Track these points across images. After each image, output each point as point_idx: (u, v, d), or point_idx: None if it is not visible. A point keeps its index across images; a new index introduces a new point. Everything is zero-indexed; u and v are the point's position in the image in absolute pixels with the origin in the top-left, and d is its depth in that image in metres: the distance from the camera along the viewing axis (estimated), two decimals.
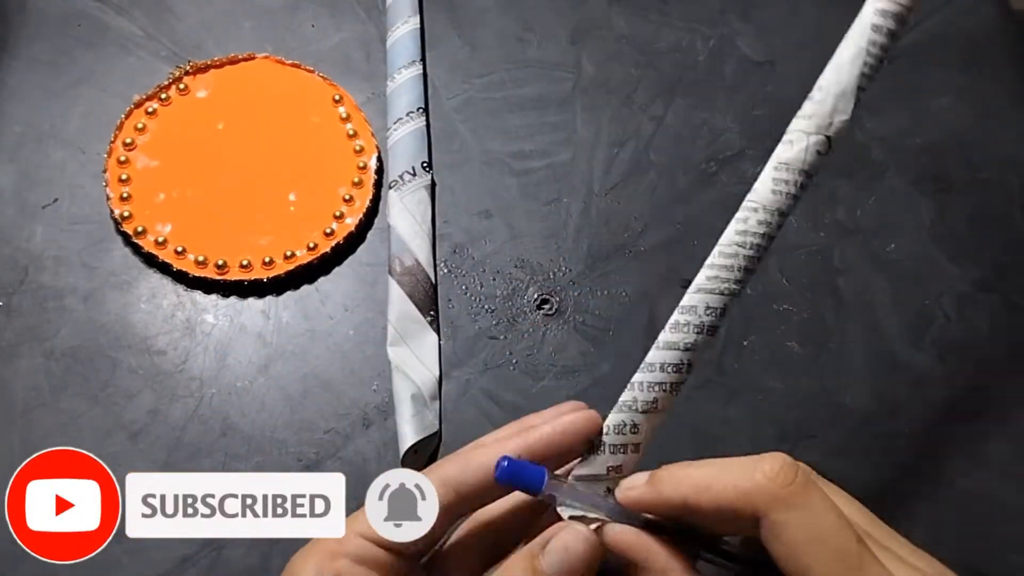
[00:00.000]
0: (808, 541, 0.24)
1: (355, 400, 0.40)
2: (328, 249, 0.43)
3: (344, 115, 0.46)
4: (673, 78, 0.49)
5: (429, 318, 0.41)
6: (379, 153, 0.45)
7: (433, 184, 0.45)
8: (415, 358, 0.40)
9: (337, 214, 0.43)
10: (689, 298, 0.29)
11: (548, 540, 0.26)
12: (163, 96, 0.45)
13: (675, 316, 0.29)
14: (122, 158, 0.44)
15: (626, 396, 0.28)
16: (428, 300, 0.42)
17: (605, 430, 0.28)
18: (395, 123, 0.45)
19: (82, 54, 0.47)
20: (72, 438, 0.38)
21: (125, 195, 0.43)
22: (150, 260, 0.42)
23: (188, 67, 0.46)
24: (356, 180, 0.44)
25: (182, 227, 0.42)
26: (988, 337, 0.43)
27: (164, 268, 0.42)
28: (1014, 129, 0.48)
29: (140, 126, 0.45)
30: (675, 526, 0.27)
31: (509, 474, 0.26)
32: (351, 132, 0.45)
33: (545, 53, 0.49)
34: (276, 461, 0.39)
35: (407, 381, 0.39)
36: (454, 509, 0.27)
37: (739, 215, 0.29)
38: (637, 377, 0.29)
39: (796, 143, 0.30)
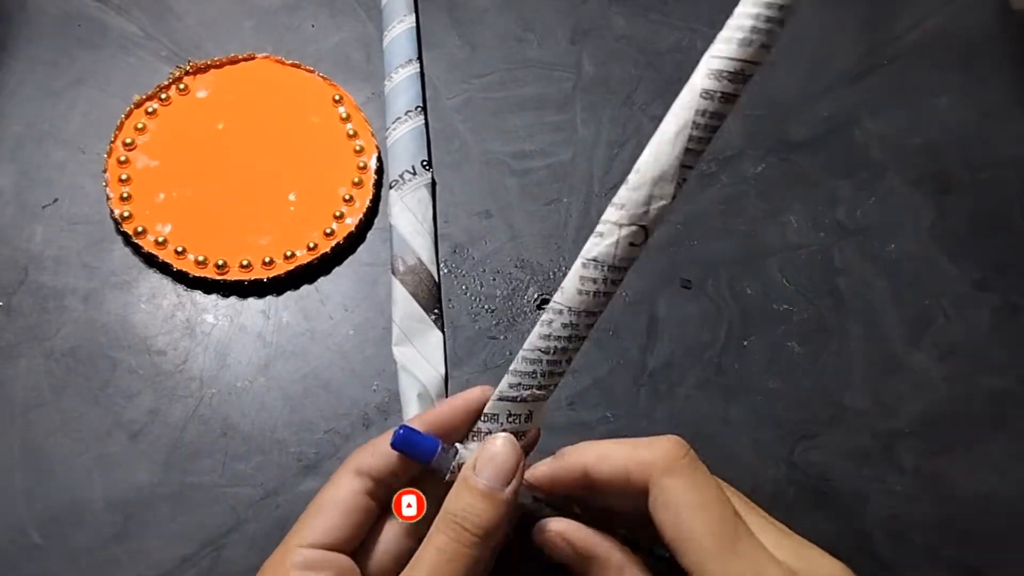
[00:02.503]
0: (692, 507, 0.26)
1: (355, 400, 0.40)
2: (328, 249, 0.43)
3: (344, 115, 0.46)
4: (673, 78, 0.49)
5: (433, 316, 0.41)
6: (379, 153, 0.45)
7: (433, 182, 0.45)
8: (421, 357, 0.40)
9: (337, 214, 0.43)
10: (492, 405, 0.29)
11: (475, 462, 0.28)
12: (163, 96, 0.45)
13: (479, 424, 0.29)
14: (122, 158, 0.44)
15: None
16: (432, 298, 0.42)
17: None
18: (394, 122, 0.45)
19: (82, 54, 0.47)
20: (72, 438, 0.38)
21: (125, 195, 0.43)
22: (150, 260, 0.42)
23: (188, 67, 0.46)
24: (356, 180, 0.44)
25: (182, 227, 0.42)
26: (988, 337, 0.43)
27: (164, 268, 0.42)
28: (1014, 129, 0.48)
29: (140, 126, 0.45)
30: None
31: (403, 441, 0.28)
32: (351, 132, 0.45)
33: (545, 53, 0.49)
34: (276, 461, 0.39)
35: (413, 380, 0.40)
36: (375, 494, 0.29)
37: (544, 316, 0.28)
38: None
39: (606, 236, 0.26)
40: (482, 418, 0.30)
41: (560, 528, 0.28)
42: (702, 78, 0.25)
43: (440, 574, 0.26)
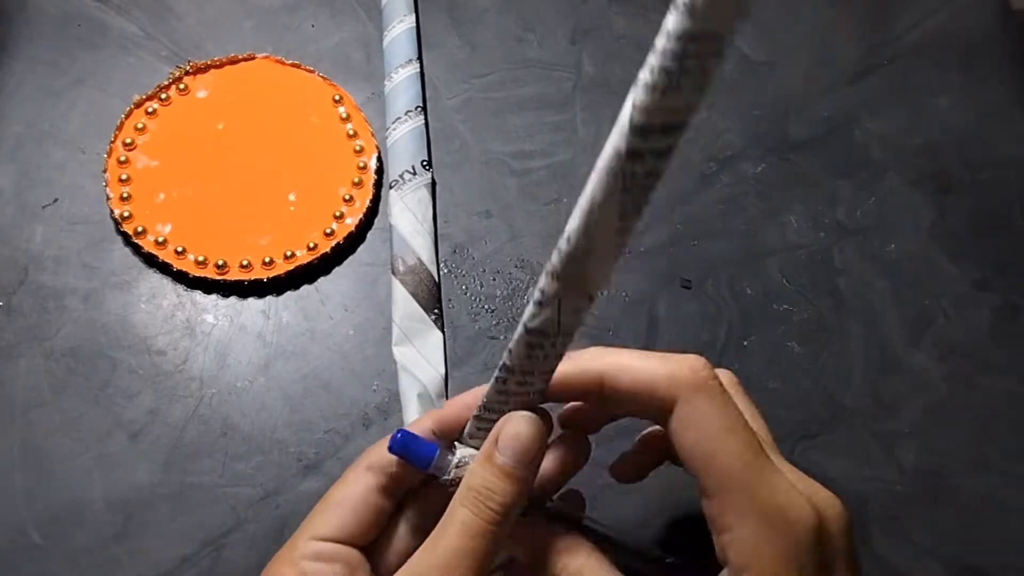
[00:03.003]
0: (721, 428, 0.25)
1: (355, 400, 0.40)
2: (328, 249, 0.43)
3: (344, 115, 0.46)
4: None
5: (433, 316, 0.41)
6: (379, 153, 0.45)
7: (433, 182, 0.45)
8: (421, 357, 0.40)
9: (337, 214, 0.43)
10: (462, 449, 0.29)
11: (497, 437, 0.27)
12: (163, 96, 0.45)
13: (458, 453, 0.29)
14: (122, 158, 0.44)
15: None
16: (432, 298, 0.42)
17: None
18: (394, 122, 0.45)
19: (82, 54, 0.47)
20: (72, 438, 0.38)
21: (125, 195, 0.43)
22: (150, 260, 0.42)
23: (188, 67, 0.46)
24: (356, 180, 0.44)
25: (182, 227, 0.42)
26: (988, 337, 0.43)
27: (164, 268, 0.42)
28: (1014, 129, 0.48)
29: (140, 126, 0.45)
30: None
31: (400, 445, 0.27)
32: (351, 132, 0.45)
33: (545, 53, 0.49)
34: (276, 461, 0.39)
35: (413, 380, 0.40)
36: (388, 491, 0.29)
37: (497, 373, 0.26)
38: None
39: (545, 307, 0.23)
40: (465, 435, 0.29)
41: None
42: (623, 137, 0.19)
43: (464, 549, 0.26)
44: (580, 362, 0.28)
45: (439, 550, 0.26)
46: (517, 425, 0.27)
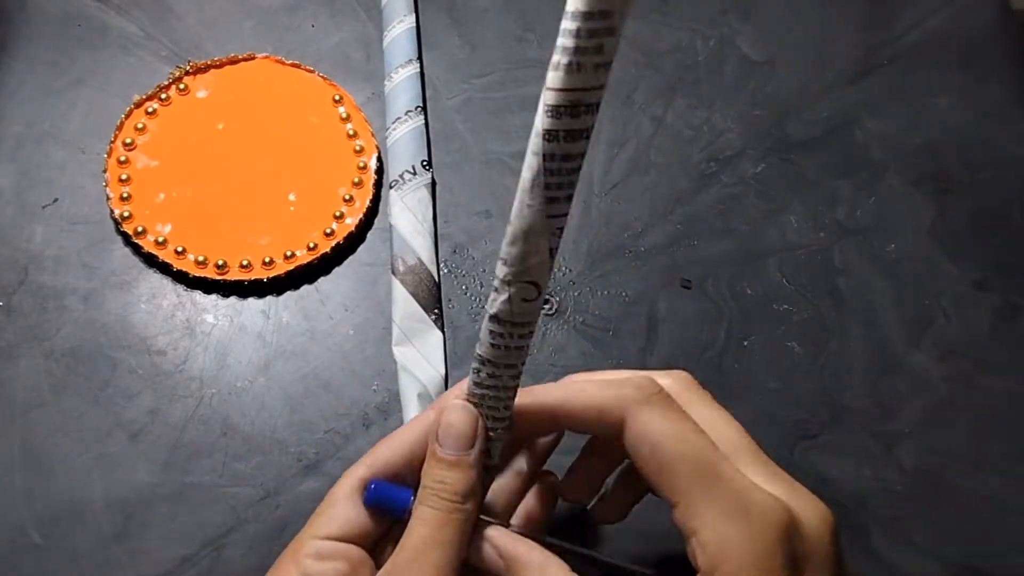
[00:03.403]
0: (670, 439, 0.26)
1: (355, 400, 0.40)
2: (328, 249, 0.43)
3: (344, 115, 0.46)
4: (673, 78, 0.49)
5: (433, 316, 0.41)
6: (379, 153, 0.45)
7: (433, 182, 0.45)
8: (421, 357, 0.40)
9: (337, 214, 0.43)
10: None
11: (437, 434, 0.28)
12: (163, 96, 0.45)
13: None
14: (122, 158, 0.44)
15: None
16: (432, 298, 0.42)
17: None
18: (394, 122, 0.45)
19: (82, 54, 0.47)
20: (72, 438, 0.38)
21: (125, 195, 0.43)
22: (150, 260, 0.42)
23: (188, 67, 0.46)
24: (356, 180, 0.44)
25: (182, 227, 0.42)
26: (988, 337, 0.43)
27: (164, 268, 0.42)
28: (1014, 129, 0.48)
29: (140, 126, 0.45)
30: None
31: (376, 496, 0.29)
32: (351, 132, 0.45)
33: (545, 53, 0.49)
34: (276, 461, 0.39)
35: (413, 380, 0.40)
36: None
37: (472, 364, 0.27)
38: None
39: (500, 293, 0.24)
40: None
41: (487, 535, 0.29)
42: (540, 117, 0.21)
43: (432, 539, 0.27)
44: (536, 396, 0.29)
45: (408, 545, 0.27)
46: (449, 415, 0.28)
